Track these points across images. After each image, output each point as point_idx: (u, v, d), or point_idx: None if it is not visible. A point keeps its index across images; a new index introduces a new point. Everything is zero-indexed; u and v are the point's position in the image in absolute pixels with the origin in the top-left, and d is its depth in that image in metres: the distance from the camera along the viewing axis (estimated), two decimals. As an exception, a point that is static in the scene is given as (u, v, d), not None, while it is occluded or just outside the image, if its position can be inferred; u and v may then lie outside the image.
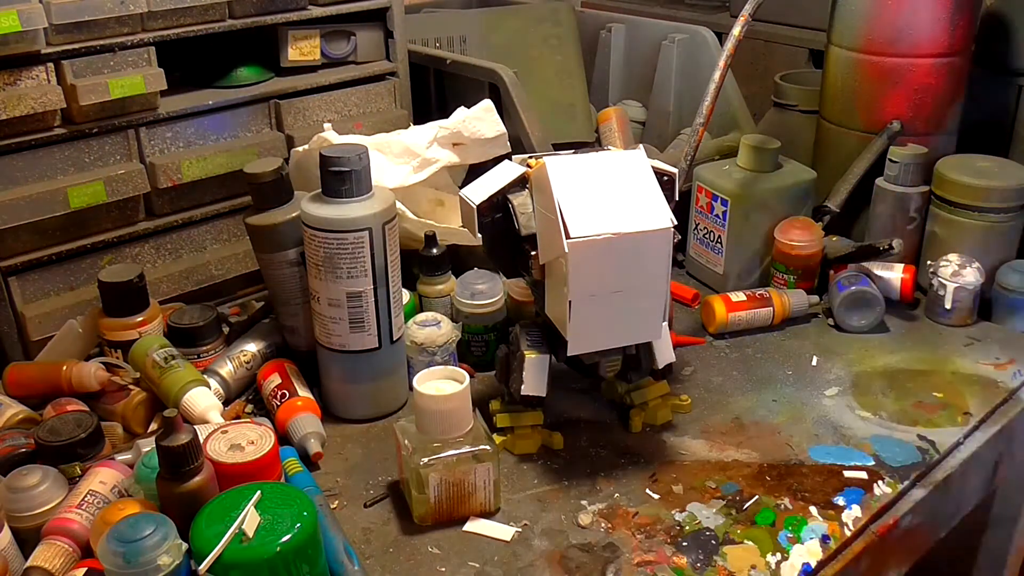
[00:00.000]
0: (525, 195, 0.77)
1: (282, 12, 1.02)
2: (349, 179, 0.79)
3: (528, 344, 0.79)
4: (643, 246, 0.71)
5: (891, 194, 1.04)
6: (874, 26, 1.05)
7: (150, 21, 0.92)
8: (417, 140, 0.99)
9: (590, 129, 1.30)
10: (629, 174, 0.74)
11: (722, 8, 1.59)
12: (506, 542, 0.71)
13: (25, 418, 0.81)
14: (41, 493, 0.68)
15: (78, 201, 0.89)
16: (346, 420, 0.86)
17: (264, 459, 0.68)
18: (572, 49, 1.36)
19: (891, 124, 1.07)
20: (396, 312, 0.84)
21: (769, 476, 0.77)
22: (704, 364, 0.95)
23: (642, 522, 0.73)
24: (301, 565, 0.59)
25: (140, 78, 0.90)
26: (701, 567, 0.68)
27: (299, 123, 1.05)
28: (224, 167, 0.98)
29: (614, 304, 0.73)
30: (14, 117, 0.84)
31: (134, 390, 0.82)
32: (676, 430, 0.84)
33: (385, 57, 1.13)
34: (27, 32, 0.83)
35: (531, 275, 0.78)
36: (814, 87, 1.19)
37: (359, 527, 0.73)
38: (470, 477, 0.72)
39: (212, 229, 1.02)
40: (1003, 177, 0.99)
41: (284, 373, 0.86)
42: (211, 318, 0.90)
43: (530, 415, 0.81)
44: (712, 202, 1.06)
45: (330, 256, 0.79)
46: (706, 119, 0.94)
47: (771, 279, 1.05)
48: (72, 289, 0.94)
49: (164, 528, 0.57)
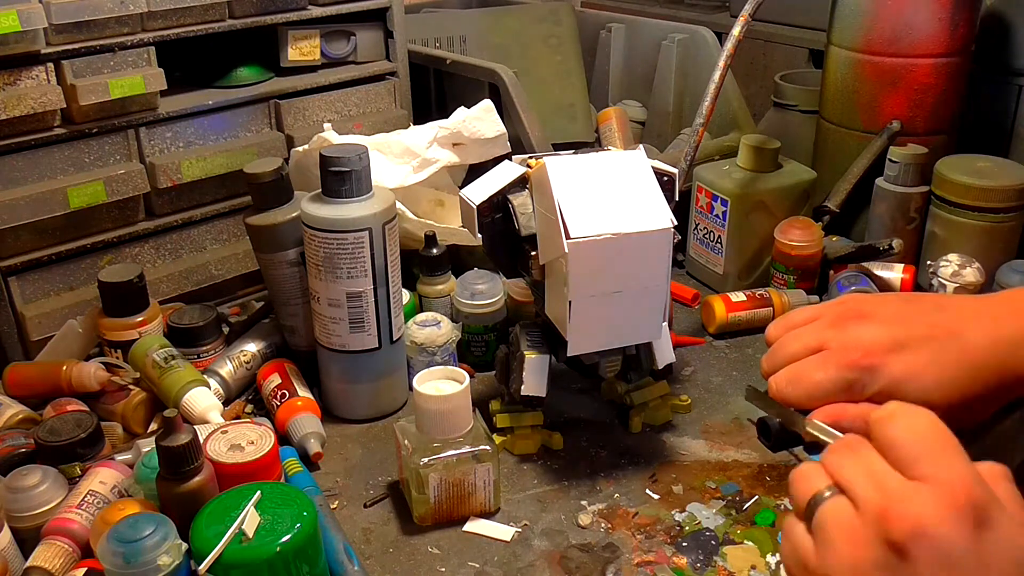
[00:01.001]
0: (525, 195, 0.77)
1: (282, 12, 1.02)
2: (349, 179, 0.79)
3: (528, 344, 0.79)
4: (643, 246, 0.71)
5: (891, 194, 1.04)
6: (874, 26, 1.05)
7: (150, 21, 0.92)
8: (417, 140, 0.99)
9: (590, 129, 1.31)
10: (629, 174, 0.74)
11: (722, 8, 1.58)
12: (506, 542, 0.71)
13: (25, 418, 0.81)
14: (41, 493, 0.68)
15: (78, 201, 0.89)
16: (346, 420, 0.86)
17: (264, 459, 0.68)
18: (572, 49, 1.36)
19: (891, 124, 1.07)
20: (396, 312, 0.84)
21: (769, 476, 0.77)
22: (704, 364, 0.95)
23: (642, 522, 0.73)
24: (301, 565, 0.59)
25: (140, 78, 0.90)
26: (701, 567, 0.68)
27: (299, 123, 1.05)
28: (224, 167, 0.98)
29: (614, 304, 0.73)
30: (14, 117, 0.84)
31: (134, 390, 0.82)
32: (676, 430, 0.84)
33: (385, 57, 1.13)
34: (27, 32, 0.83)
35: (531, 275, 0.78)
36: (814, 87, 1.19)
37: (359, 527, 0.73)
38: (470, 477, 0.72)
39: (212, 229, 1.02)
40: (1003, 177, 0.99)
41: (284, 373, 0.86)
42: (211, 318, 0.90)
43: (530, 415, 0.81)
44: (712, 202, 1.06)
45: (330, 256, 0.79)
46: (706, 119, 0.94)
47: (771, 279, 1.05)
48: (72, 289, 0.94)
49: (164, 528, 0.57)
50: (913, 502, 0.41)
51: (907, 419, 0.44)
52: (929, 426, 0.44)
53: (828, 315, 0.66)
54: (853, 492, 0.43)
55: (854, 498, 0.43)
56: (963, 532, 0.40)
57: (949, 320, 0.63)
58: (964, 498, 0.40)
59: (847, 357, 0.62)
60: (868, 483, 0.43)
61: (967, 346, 0.61)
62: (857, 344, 0.62)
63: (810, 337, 0.65)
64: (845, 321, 0.64)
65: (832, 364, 0.62)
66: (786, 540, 0.46)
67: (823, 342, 0.64)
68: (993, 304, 0.65)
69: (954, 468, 0.41)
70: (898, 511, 0.40)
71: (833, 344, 0.63)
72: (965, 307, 0.65)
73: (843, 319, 0.65)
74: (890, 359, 0.61)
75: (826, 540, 0.43)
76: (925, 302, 0.66)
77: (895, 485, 0.42)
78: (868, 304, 0.66)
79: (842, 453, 0.46)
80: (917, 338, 0.62)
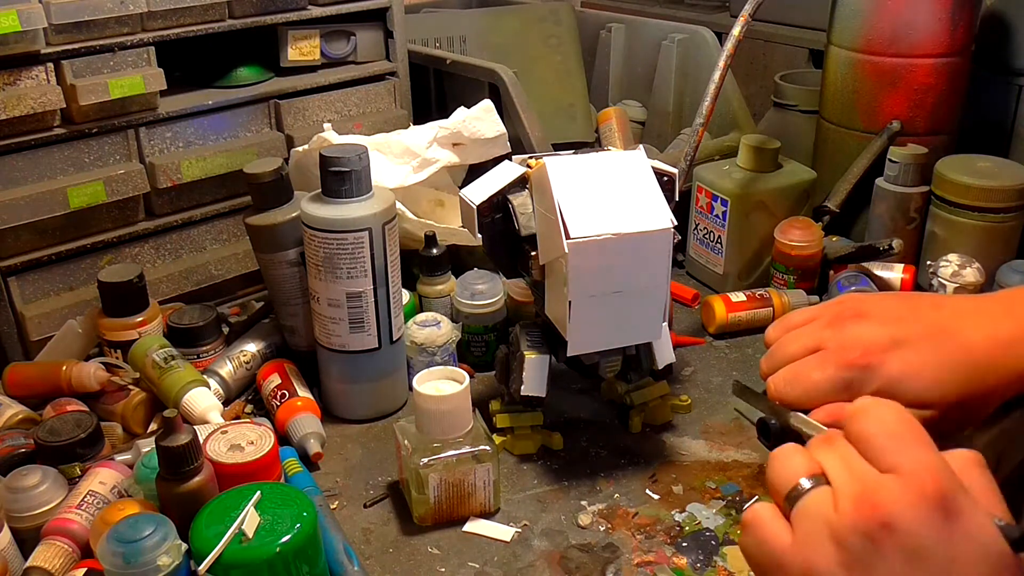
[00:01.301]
0: (525, 195, 0.77)
1: (282, 12, 1.02)
2: (349, 179, 0.79)
3: (528, 344, 0.79)
4: (643, 246, 0.71)
5: (891, 194, 1.04)
6: (874, 26, 1.05)
7: (150, 21, 0.92)
8: (417, 140, 0.99)
9: (590, 129, 1.30)
10: (629, 174, 0.74)
11: (722, 8, 1.58)
12: (506, 542, 0.71)
13: (25, 418, 0.81)
14: (41, 493, 0.68)
15: (78, 201, 0.89)
16: (346, 420, 0.86)
17: (264, 459, 0.68)
18: (572, 49, 1.36)
19: (891, 124, 1.07)
20: (396, 312, 0.84)
21: (769, 476, 0.77)
22: (704, 364, 0.95)
23: (642, 522, 0.73)
24: (301, 565, 0.59)
25: (140, 78, 0.90)
26: (701, 567, 0.68)
27: (299, 123, 1.05)
28: (224, 167, 0.98)
29: (614, 304, 0.73)
30: (14, 117, 0.84)
31: (134, 390, 0.82)
32: (676, 430, 0.84)
33: (385, 57, 1.13)
34: (27, 32, 0.83)
35: (531, 275, 0.78)
36: (814, 87, 1.19)
37: (359, 527, 0.73)
38: (470, 477, 0.72)
39: (212, 229, 1.02)
40: (1003, 177, 0.99)
41: (284, 373, 0.86)
42: (211, 318, 0.90)
43: (530, 415, 0.81)
44: (712, 202, 1.06)
45: (330, 256, 0.79)
46: (706, 119, 0.94)
47: (771, 279, 1.05)
48: (72, 289, 0.94)
49: (164, 528, 0.57)
50: (882, 492, 0.41)
51: (876, 412, 0.45)
52: (897, 418, 0.44)
53: (826, 315, 0.66)
54: (832, 483, 0.44)
55: (832, 489, 0.43)
56: (931, 521, 0.40)
57: (946, 319, 0.63)
58: (932, 488, 0.40)
59: (845, 357, 0.62)
60: (843, 473, 0.43)
61: (964, 345, 0.61)
62: (855, 343, 0.62)
63: (808, 337, 0.65)
64: (843, 321, 0.65)
65: (830, 364, 0.62)
66: (754, 531, 0.46)
67: (821, 342, 0.64)
68: (991, 303, 0.65)
69: (922, 459, 0.42)
70: (869, 500, 0.41)
71: (831, 344, 0.63)
72: (963, 306, 0.65)
73: (841, 319, 0.65)
74: (888, 358, 0.61)
75: (810, 531, 0.43)
76: (923, 301, 0.66)
77: (867, 476, 0.43)
78: (866, 303, 0.66)
79: (821, 447, 0.46)
80: (915, 337, 0.62)
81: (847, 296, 0.70)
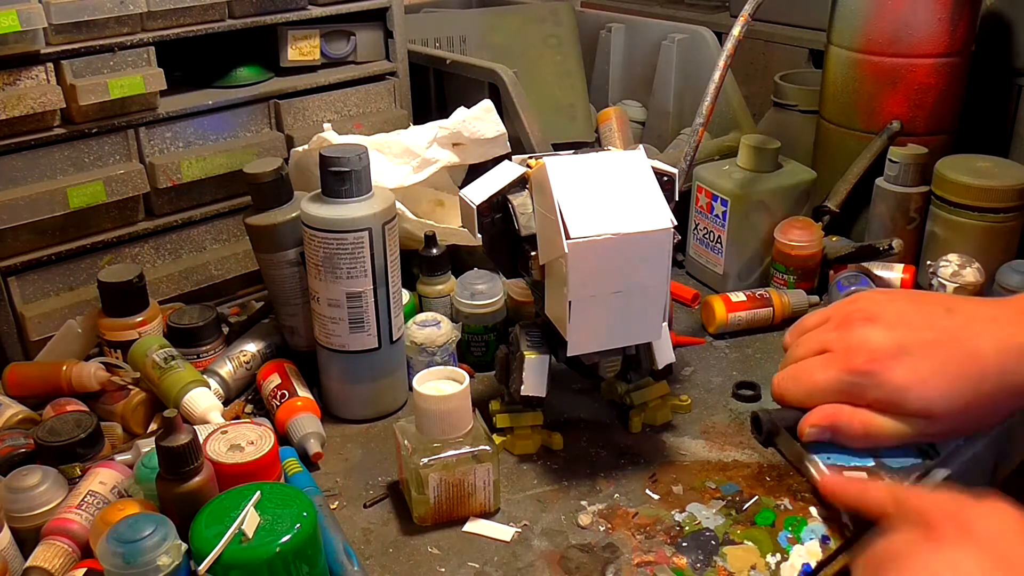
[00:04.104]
0: (525, 195, 0.77)
1: (282, 12, 1.02)
2: (349, 179, 0.79)
3: (528, 344, 0.79)
4: (643, 246, 0.71)
5: (891, 194, 1.04)
6: (874, 26, 1.05)
7: (150, 21, 0.92)
8: (417, 140, 0.99)
9: (590, 129, 1.30)
10: (629, 174, 0.74)
11: (722, 8, 1.58)
12: (506, 542, 0.71)
13: (25, 418, 0.81)
14: (41, 493, 0.68)
15: (78, 201, 0.89)
16: (346, 420, 0.86)
17: (264, 459, 0.68)
18: (572, 49, 1.36)
19: (891, 124, 1.07)
20: (396, 312, 0.84)
21: (769, 476, 0.77)
22: (704, 364, 0.95)
23: (642, 522, 0.73)
24: (301, 566, 0.59)
25: (140, 78, 0.90)
26: (701, 567, 0.68)
27: (299, 123, 1.05)
28: (224, 167, 0.98)
29: (614, 304, 0.73)
30: (13, 117, 0.84)
31: (134, 390, 0.82)
32: (676, 430, 0.84)
33: (385, 57, 1.13)
34: (26, 32, 0.83)
35: (531, 275, 0.78)
36: (814, 87, 1.19)
37: (359, 527, 0.73)
38: (470, 477, 0.72)
39: (212, 229, 1.02)
40: (1003, 177, 0.99)
41: (284, 373, 0.86)
42: (211, 318, 0.90)
43: (530, 415, 0.81)
44: (712, 202, 1.06)
45: (330, 256, 0.79)
46: (706, 119, 0.94)
47: (771, 279, 1.05)
48: (72, 289, 0.94)
49: (164, 528, 0.57)
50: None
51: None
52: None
53: (836, 317, 0.66)
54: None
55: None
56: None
57: (958, 326, 0.62)
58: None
59: (850, 361, 0.62)
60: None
61: (974, 353, 0.60)
62: (860, 347, 0.62)
63: (815, 340, 0.65)
64: (852, 323, 0.64)
65: (834, 366, 0.62)
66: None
67: (828, 344, 0.64)
68: (1005, 310, 0.63)
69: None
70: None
71: (837, 346, 0.63)
72: (976, 313, 0.63)
73: (850, 321, 0.64)
74: (893, 365, 0.61)
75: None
76: (934, 305, 0.65)
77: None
78: (877, 306, 0.65)
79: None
80: (923, 344, 0.61)
81: (860, 295, 0.70)
